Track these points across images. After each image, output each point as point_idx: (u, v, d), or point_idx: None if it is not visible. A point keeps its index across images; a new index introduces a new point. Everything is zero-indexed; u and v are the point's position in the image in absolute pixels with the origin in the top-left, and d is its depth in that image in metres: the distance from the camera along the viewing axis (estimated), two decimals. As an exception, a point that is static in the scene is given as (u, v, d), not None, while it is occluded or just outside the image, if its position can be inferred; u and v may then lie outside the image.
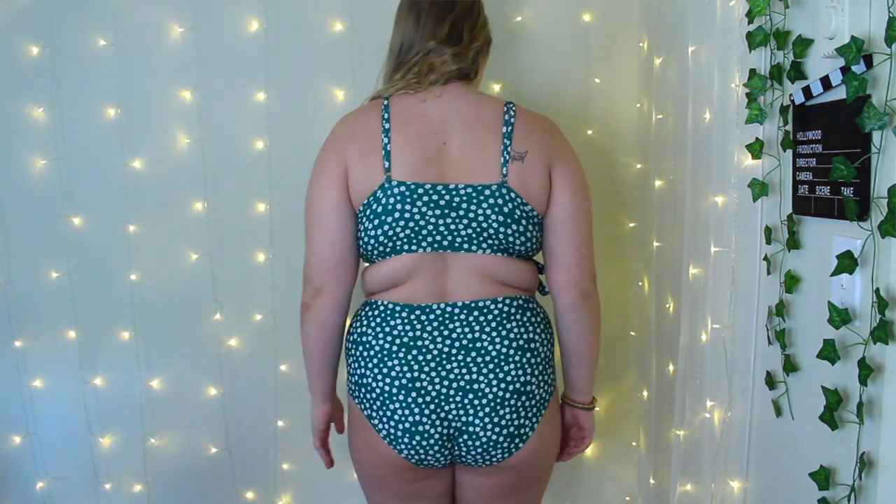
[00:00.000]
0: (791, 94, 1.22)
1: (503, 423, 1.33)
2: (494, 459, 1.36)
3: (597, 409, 1.51)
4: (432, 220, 1.33)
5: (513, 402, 1.33)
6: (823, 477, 1.11)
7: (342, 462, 1.54)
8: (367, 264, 1.43)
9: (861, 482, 1.04)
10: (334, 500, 1.99)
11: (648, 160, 1.86)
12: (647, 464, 1.93)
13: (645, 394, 1.92)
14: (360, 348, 1.38)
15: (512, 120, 1.37)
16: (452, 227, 1.34)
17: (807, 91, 1.17)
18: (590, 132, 1.91)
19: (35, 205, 1.92)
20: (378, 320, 1.37)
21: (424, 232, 1.33)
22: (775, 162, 1.30)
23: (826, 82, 1.11)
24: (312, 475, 2.00)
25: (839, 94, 1.09)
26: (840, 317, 1.05)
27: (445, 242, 1.34)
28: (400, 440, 1.34)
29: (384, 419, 1.34)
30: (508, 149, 1.35)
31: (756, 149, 1.33)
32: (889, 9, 0.93)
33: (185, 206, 1.93)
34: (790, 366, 1.26)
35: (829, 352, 1.07)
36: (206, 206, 1.93)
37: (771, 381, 1.33)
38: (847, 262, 1.02)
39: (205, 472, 2.01)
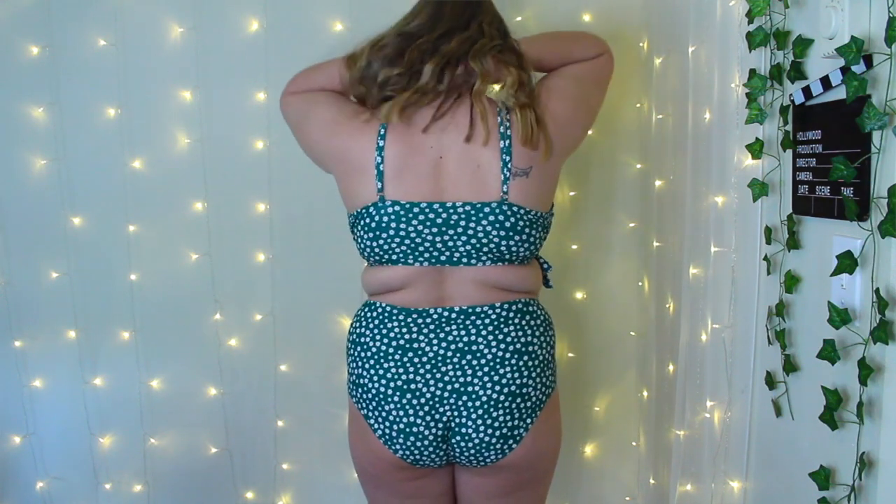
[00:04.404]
0: (791, 94, 1.22)
1: (496, 424, 1.32)
2: (488, 460, 1.36)
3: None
4: (429, 237, 1.31)
5: (507, 404, 1.32)
6: (823, 477, 1.11)
7: (342, 462, 1.55)
8: (366, 264, 1.43)
9: (861, 482, 1.04)
10: (334, 500, 1.99)
11: (648, 160, 1.86)
12: (646, 464, 1.93)
13: (645, 394, 1.91)
14: (359, 349, 1.38)
15: (508, 132, 1.31)
16: (451, 243, 1.31)
17: (807, 91, 1.17)
18: (590, 132, 1.90)
19: (35, 205, 1.92)
20: (376, 322, 1.37)
21: (421, 248, 1.32)
22: (775, 162, 1.30)
23: (826, 82, 1.11)
24: (312, 475, 2.00)
25: (839, 94, 1.09)
26: (840, 317, 1.05)
27: (443, 258, 1.33)
28: (395, 440, 1.34)
29: (380, 419, 1.35)
30: (509, 165, 1.30)
31: (756, 149, 1.33)
32: (889, 9, 0.93)
33: (185, 206, 1.93)
34: (790, 366, 1.26)
35: (829, 352, 1.07)
36: (206, 206, 1.93)
37: (771, 381, 1.33)
38: (847, 262, 1.02)
39: (205, 472, 2.01)
